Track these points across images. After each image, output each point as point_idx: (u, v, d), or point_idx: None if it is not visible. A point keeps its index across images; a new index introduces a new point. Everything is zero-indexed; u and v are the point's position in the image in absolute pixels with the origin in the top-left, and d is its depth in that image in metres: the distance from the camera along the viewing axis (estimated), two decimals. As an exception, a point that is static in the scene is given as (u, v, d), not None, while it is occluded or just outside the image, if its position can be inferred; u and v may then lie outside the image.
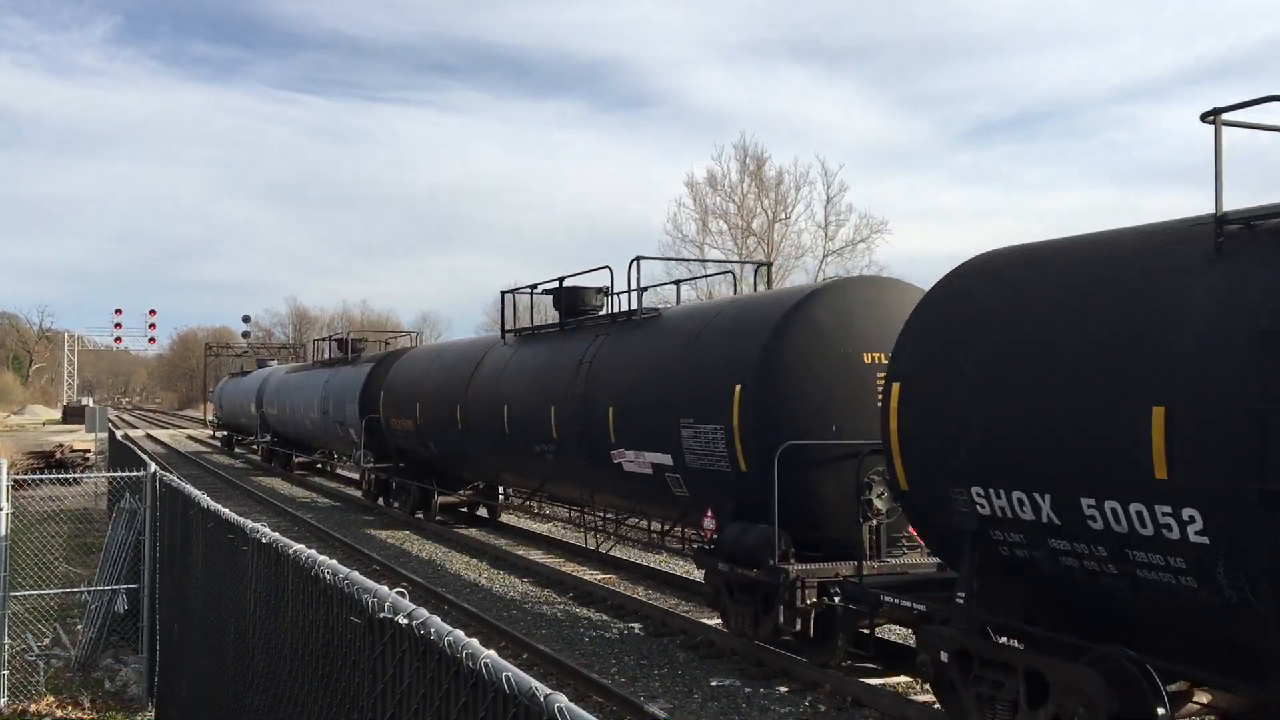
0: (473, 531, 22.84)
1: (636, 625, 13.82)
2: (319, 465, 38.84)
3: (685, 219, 60.12)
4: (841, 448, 11.05)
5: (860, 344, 11.45)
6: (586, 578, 16.72)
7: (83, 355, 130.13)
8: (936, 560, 10.20)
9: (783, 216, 59.02)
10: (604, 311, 17.06)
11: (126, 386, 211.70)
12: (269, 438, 41.33)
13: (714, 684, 11.05)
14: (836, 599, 10.41)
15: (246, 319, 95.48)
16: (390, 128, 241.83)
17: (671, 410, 12.81)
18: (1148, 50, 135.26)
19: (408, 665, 3.52)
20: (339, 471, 38.10)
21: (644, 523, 16.58)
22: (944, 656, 8.56)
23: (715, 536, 12.13)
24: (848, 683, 10.43)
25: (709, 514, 12.37)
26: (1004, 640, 8.27)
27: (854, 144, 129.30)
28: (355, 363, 30.13)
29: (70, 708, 9.97)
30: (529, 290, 19.64)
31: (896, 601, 9.44)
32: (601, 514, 17.49)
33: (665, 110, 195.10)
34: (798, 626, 10.89)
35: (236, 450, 51.94)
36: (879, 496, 10.69)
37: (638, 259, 15.80)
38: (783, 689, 10.79)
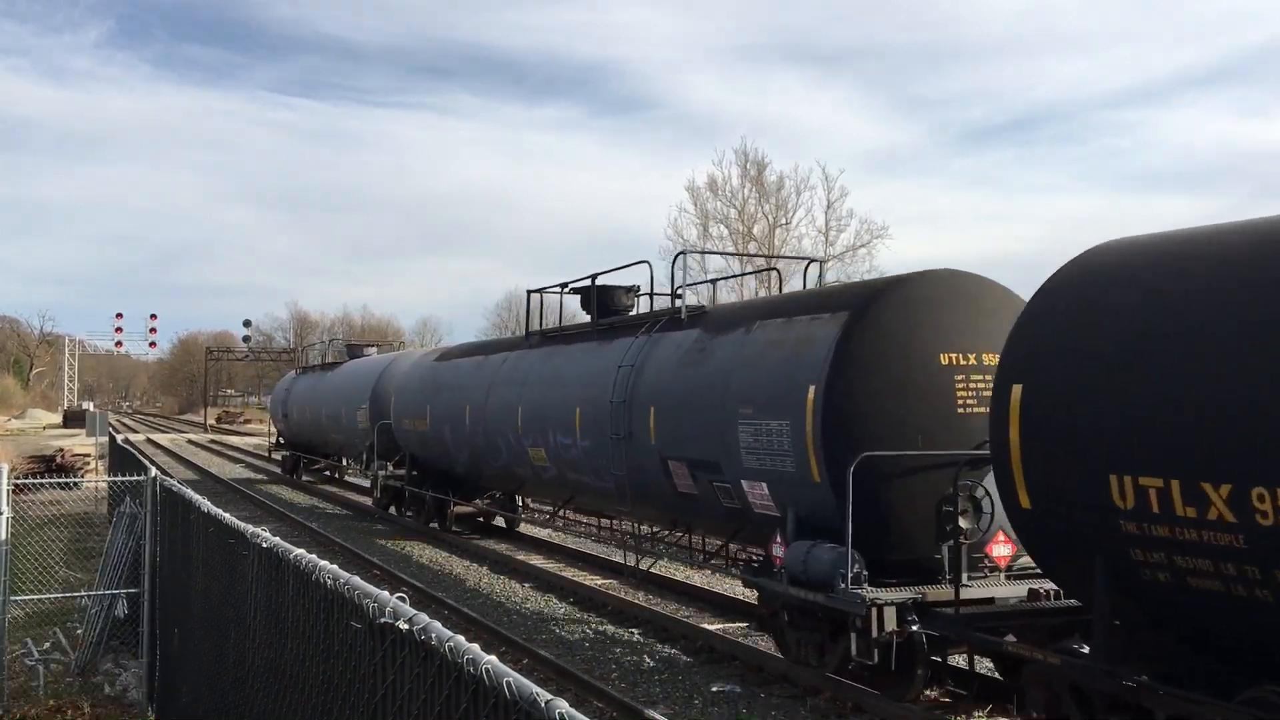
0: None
1: (636, 630, 13.80)
2: (480, 519, 23.88)
3: (686, 224, 60.29)
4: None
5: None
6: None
7: (83, 359, 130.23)
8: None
9: (783, 222, 59.18)
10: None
11: (127, 391, 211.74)
12: (389, 468, 25.90)
13: (714, 690, 11.04)
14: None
15: (247, 323, 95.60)
16: (386, 131, 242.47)
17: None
18: (1146, 54, 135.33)
19: (409, 671, 3.52)
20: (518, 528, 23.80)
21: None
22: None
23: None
24: (847, 688, 10.42)
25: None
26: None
27: (850, 147, 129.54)
28: (713, 328, 12.82)
29: (70, 712, 9.95)
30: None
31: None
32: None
33: (662, 114, 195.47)
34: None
35: (305, 477, 37.31)
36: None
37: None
38: (783, 694, 10.78)
